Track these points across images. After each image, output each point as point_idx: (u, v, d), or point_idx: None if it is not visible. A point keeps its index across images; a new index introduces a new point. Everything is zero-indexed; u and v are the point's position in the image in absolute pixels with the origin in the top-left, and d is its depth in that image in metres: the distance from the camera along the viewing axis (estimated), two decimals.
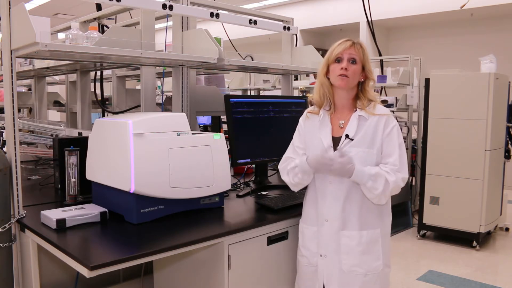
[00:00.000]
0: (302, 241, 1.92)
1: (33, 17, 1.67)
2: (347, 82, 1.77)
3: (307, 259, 1.88)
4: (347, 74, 1.76)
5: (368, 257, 1.79)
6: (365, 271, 1.79)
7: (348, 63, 1.77)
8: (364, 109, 1.80)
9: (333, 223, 1.80)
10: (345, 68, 1.76)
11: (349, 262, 1.79)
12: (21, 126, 2.80)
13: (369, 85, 1.83)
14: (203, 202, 1.98)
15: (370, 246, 1.79)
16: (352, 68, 1.77)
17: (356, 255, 1.78)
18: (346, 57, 1.77)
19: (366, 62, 1.80)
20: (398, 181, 1.74)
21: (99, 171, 1.93)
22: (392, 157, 1.76)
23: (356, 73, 1.78)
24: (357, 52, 1.78)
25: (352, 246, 1.78)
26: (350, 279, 1.79)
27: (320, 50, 3.03)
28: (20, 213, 1.80)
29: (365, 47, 1.82)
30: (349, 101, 1.84)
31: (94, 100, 3.45)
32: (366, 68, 1.80)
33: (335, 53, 1.79)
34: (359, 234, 1.78)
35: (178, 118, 1.93)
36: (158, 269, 2.24)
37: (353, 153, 1.75)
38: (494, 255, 4.28)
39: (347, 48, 1.78)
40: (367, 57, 1.81)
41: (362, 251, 1.78)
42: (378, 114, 1.78)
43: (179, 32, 2.48)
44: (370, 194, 1.74)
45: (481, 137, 4.22)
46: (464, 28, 8.02)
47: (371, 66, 1.83)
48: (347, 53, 1.77)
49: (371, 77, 1.82)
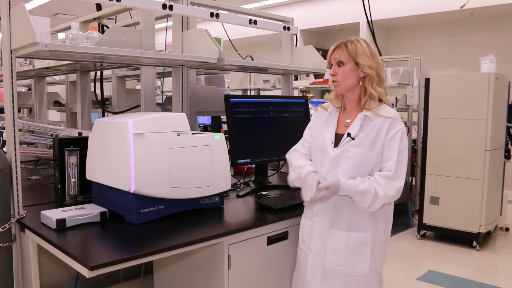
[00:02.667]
0: (300, 235, 1.94)
1: (33, 17, 1.67)
2: (339, 86, 1.79)
3: (304, 252, 1.90)
4: (336, 79, 1.78)
5: (353, 258, 1.78)
6: (348, 271, 1.78)
7: (336, 66, 1.78)
8: (370, 109, 1.77)
9: (322, 219, 1.81)
10: (333, 74, 1.78)
11: (333, 261, 1.79)
12: (21, 126, 2.80)
13: (370, 81, 1.76)
14: (203, 202, 1.98)
15: (358, 249, 1.77)
16: (341, 71, 1.77)
17: (341, 255, 1.78)
18: (333, 62, 1.80)
19: (357, 57, 1.74)
20: (390, 192, 1.69)
21: (99, 171, 1.93)
22: (390, 161, 1.73)
23: (346, 74, 1.76)
24: (342, 52, 1.76)
25: (338, 246, 1.78)
26: (332, 277, 1.79)
27: (320, 50, 3.03)
28: (20, 213, 1.80)
29: (355, 43, 1.76)
30: (355, 101, 1.82)
31: (94, 100, 3.45)
32: (360, 63, 1.74)
33: (327, 61, 1.84)
34: (348, 235, 1.78)
35: (178, 118, 1.93)
36: (158, 269, 2.24)
37: (351, 152, 1.74)
38: (494, 255, 4.28)
39: (332, 53, 1.80)
40: (360, 53, 1.74)
41: (348, 252, 1.77)
42: (383, 116, 1.74)
43: (179, 32, 2.48)
44: (358, 205, 1.75)
45: (481, 137, 4.22)
46: (464, 28, 8.02)
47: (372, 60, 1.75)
48: (333, 58, 1.80)
49: (368, 72, 1.74)
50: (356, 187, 1.68)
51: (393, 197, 1.74)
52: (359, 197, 1.70)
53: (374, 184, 1.69)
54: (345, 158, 1.75)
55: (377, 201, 1.70)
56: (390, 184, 1.70)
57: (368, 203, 1.70)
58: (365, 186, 1.68)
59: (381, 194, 1.69)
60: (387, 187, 1.70)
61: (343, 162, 1.75)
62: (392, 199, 1.76)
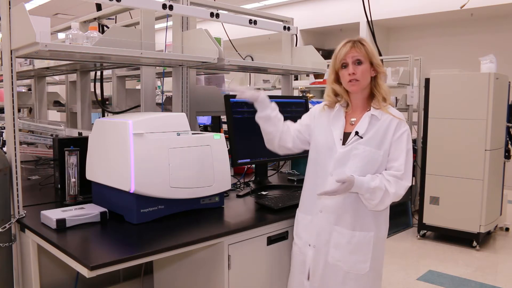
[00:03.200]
0: (296, 229, 1.92)
1: (33, 17, 1.67)
2: (358, 86, 1.78)
3: (299, 248, 1.89)
4: (356, 77, 1.76)
5: (355, 257, 1.78)
6: (348, 268, 1.78)
7: (354, 65, 1.76)
8: (381, 108, 1.78)
9: (327, 215, 1.81)
10: (352, 73, 1.75)
11: (336, 256, 1.79)
12: (21, 126, 2.80)
13: (381, 79, 1.80)
14: (203, 202, 1.98)
15: (360, 248, 1.78)
16: (360, 70, 1.76)
17: (344, 252, 1.78)
18: (350, 60, 1.76)
19: (372, 57, 1.77)
20: (399, 191, 1.72)
21: (99, 171, 1.93)
22: (398, 161, 1.74)
23: (365, 73, 1.77)
24: (360, 51, 1.76)
25: (342, 243, 1.78)
26: (333, 272, 1.80)
27: (320, 50, 3.03)
28: (20, 213, 1.80)
29: (367, 42, 1.79)
30: (364, 100, 1.83)
31: (94, 100, 3.45)
32: (374, 62, 1.77)
33: (339, 59, 1.78)
34: (351, 234, 1.78)
35: (178, 118, 1.93)
36: (158, 269, 2.25)
37: (360, 150, 1.75)
38: (494, 255, 4.28)
39: (349, 51, 1.76)
40: (372, 52, 1.78)
41: (351, 250, 1.78)
42: (392, 114, 1.77)
43: (179, 32, 2.48)
44: (366, 202, 1.74)
45: (481, 137, 4.22)
46: (464, 28, 8.02)
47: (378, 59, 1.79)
48: (350, 56, 1.76)
49: (380, 70, 1.79)
50: (368, 184, 1.69)
51: (400, 197, 1.75)
52: (370, 194, 1.70)
53: (384, 182, 1.71)
54: (353, 156, 1.76)
55: (386, 198, 1.71)
56: (399, 183, 1.72)
57: (377, 201, 1.71)
58: (376, 183, 1.69)
59: (392, 192, 1.70)
60: (397, 186, 1.72)
61: (351, 160, 1.75)
62: (399, 198, 1.77)
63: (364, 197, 1.72)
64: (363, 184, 1.68)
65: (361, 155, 1.74)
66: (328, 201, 1.80)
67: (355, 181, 1.68)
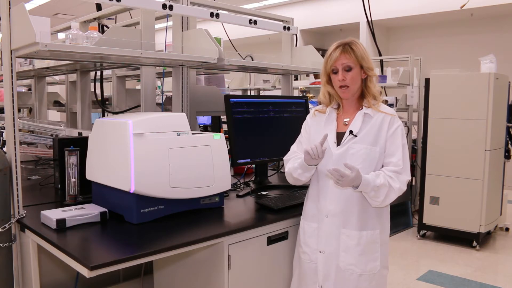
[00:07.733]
0: (303, 238, 1.92)
1: (33, 17, 1.67)
2: (348, 92, 1.80)
3: (309, 255, 1.89)
4: (346, 83, 1.78)
5: (365, 258, 1.80)
6: (361, 271, 1.79)
7: (344, 72, 1.78)
8: (371, 106, 1.81)
9: (333, 220, 1.81)
10: (342, 79, 1.77)
11: (347, 260, 1.79)
12: (21, 126, 2.80)
13: (372, 81, 1.82)
14: (203, 202, 1.98)
15: (369, 247, 1.80)
16: (350, 76, 1.78)
17: (355, 255, 1.79)
18: (340, 67, 1.78)
19: (362, 61, 1.78)
20: (402, 186, 1.75)
21: (99, 171, 1.93)
22: (395, 156, 1.77)
23: (355, 78, 1.79)
24: (350, 57, 1.77)
25: (351, 245, 1.79)
26: (345, 277, 1.80)
27: (320, 50, 3.03)
28: (20, 213, 1.80)
29: (357, 45, 1.79)
30: (355, 100, 1.86)
31: (94, 100, 3.45)
32: (364, 66, 1.79)
33: (329, 64, 1.80)
34: (359, 234, 1.79)
35: (178, 118, 1.93)
36: (158, 269, 2.24)
37: (356, 149, 1.77)
38: (494, 255, 4.28)
39: (338, 57, 1.77)
40: (363, 55, 1.78)
41: (361, 251, 1.79)
42: (384, 112, 1.80)
43: (179, 32, 2.48)
44: (370, 200, 1.76)
45: (481, 137, 4.22)
46: (464, 28, 8.02)
47: (370, 61, 1.81)
48: (339, 63, 1.78)
49: (371, 74, 1.81)
50: (373, 182, 1.70)
51: (403, 191, 1.77)
52: (375, 192, 1.71)
53: (387, 178, 1.73)
54: (350, 156, 1.77)
55: (391, 194, 1.73)
56: (400, 178, 1.75)
57: (382, 198, 1.72)
58: (381, 181, 1.71)
59: (397, 187, 1.72)
60: (399, 180, 1.74)
61: (348, 159, 1.76)
62: (402, 192, 1.78)
63: (369, 195, 1.73)
64: (369, 182, 1.70)
65: (358, 153, 1.76)
66: (332, 206, 1.81)
67: (362, 180, 1.69)
